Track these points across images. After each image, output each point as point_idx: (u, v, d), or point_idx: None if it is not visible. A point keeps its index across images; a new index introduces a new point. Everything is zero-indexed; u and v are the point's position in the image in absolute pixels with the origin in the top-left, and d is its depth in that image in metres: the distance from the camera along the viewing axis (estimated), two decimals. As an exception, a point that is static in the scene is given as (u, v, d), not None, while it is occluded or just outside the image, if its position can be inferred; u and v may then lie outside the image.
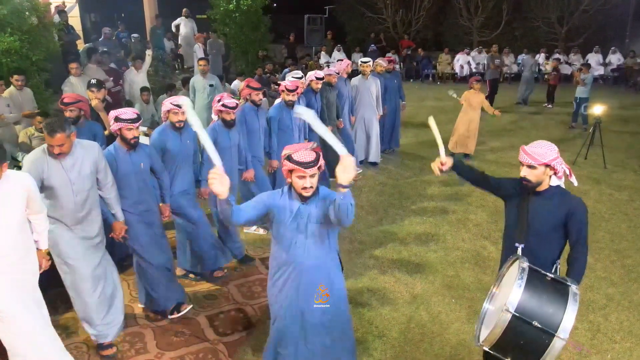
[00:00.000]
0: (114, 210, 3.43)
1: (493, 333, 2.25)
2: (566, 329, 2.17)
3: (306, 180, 2.41)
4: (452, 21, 19.42)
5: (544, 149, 2.48)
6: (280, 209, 2.54)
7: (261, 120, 4.90)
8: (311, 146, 2.44)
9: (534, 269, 2.36)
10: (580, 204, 2.52)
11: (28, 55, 6.40)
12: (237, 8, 11.83)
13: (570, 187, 2.85)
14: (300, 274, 2.60)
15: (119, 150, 3.50)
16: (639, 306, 4.04)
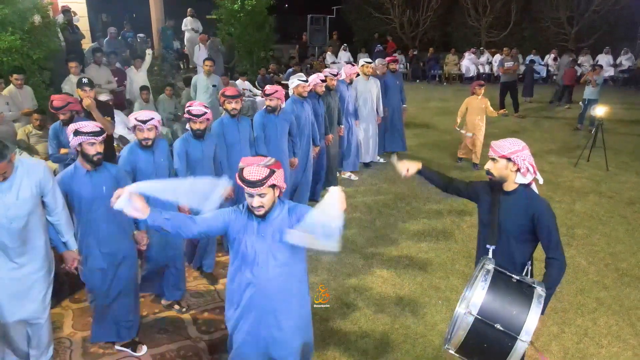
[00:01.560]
0: (64, 238, 3.00)
1: (457, 336, 2.23)
2: (529, 331, 2.15)
3: (254, 199, 2.25)
4: (460, 22, 19.31)
5: (507, 142, 2.46)
6: (239, 227, 2.37)
7: (243, 131, 4.50)
8: (267, 162, 2.26)
9: (500, 270, 2.33)
10: (545, 208, 2.45)
11: (29, 54, 6.49)
12: (242, 8, 11.89)
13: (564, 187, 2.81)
14: (262, 297, 2.40)
15: (78, 170, 3.05)
16: (629, 310, 3.97)
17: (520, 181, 2.48)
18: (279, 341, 2.50)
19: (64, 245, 3.01)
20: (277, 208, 2.37)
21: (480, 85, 7.37)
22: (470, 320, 2.19)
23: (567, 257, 4.65)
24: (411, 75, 17.22)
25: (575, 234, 5.31)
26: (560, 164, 7.81)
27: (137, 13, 15.15)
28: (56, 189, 2.91)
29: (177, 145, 3.90)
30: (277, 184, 2.28)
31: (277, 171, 2.25)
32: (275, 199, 2.34)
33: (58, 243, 3.00)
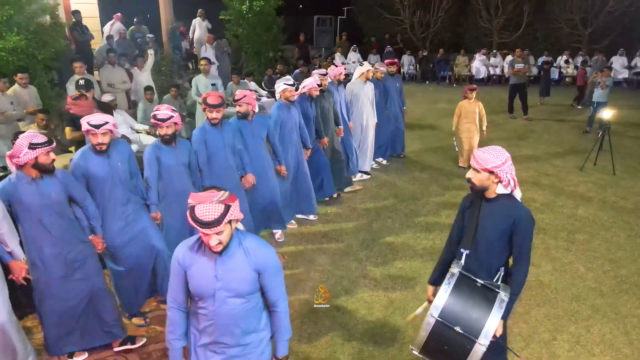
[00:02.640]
0: (9, 248, 2.93)
1: (419, 337, 2.26)
2: (488, 334, 2.15)
3: (211, 238, 2.03)
4: (472, 23, 19.14)
5: (490, 155, 2.40)
6: (193, 263, 2.17)
7: (226, 138, 4.34)
8: (220, 197, 2.01)
9: (465, 274, 2.33)
10: (526, 216, 2.41)
11: (34, 54, 6.60)
12: (250, 9, 11.96)
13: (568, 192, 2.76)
14: (216, 331, 2.22)
15: (21, 179, 2.95)
16: (625, 318, 3.89)
17: (501, 192, 2.45)
18: None
19: (9, 255, 2.95)
20: (233, 241, 2.16)
21: (472, 90, 7.29)
22: (431, 322, 2.22)
23: (566, 264, 4.66)
24: (420, 77, 17.11)
25: (575, 239, 5.21)
26: (565, 167, 7.68)
27: (148, 14, 15.29)
28: None
29: (148, 151, 3.77)
30: (234, 219, 2.08)
31: (232, 205, 2.04)
32: (232, 231, 2.13)
33: (3, 254, 2.94)
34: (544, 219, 5.70)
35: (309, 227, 5.48)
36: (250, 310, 2.23)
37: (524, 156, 8.32)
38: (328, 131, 5.92)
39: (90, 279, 3.23)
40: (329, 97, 6.00)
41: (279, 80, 5.23)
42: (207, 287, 2.15)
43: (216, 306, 2.16)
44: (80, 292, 3.19)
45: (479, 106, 7.29)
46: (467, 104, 7.28)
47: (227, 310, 2.17)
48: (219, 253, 2.10)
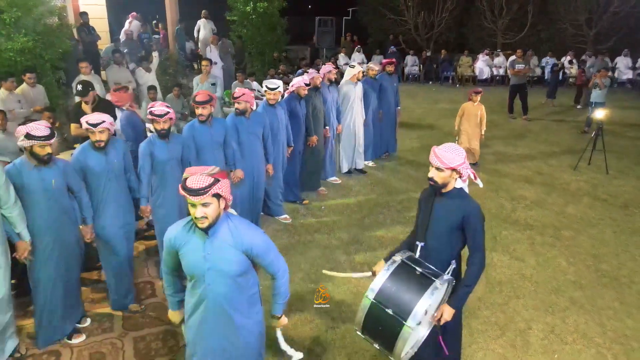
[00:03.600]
0: (18, 230, 3.19)
1: (358, 317, 2.44)
2: (416, 317, 2.28)
3: (196, 209, 2.13)
4: (476, 23, 19.19)
5: (452, 154, 2.54)
6: (184, 243, 2.29)
7: (215, 135, 4.50)
8: (211, 171, 2.18)
9: (406, 263, 2.48)
10: (476, 210, 2.55)
11: (42, 54, 6.85)
12: (254, 10, 12.18)
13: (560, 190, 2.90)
14: (209, 311, 2.35)
15: (24, 165, 3.21)
16: (601, 310, 4.02)
17: (458, 186, 2.61)
18: (231, 354, 2.47)
19: (18, 236, 3.21)
20: (222, 223, 2.25)
21: (477, 93, 7.41)
22: (367, 304, 2.39)
23: (549, 258, 4.79)
24: (424, 77, 17.23)
25: (561, 236, 5.34)
26: (560, 166, 7.79)
27: (154, 15, 15.56)
28: (9, 184, 3.09)
29: (142, 147, 3.95)
30: (221, 194, 2.18)
31: (222, 180, 2.16)
32: (220, 211, 2.23)
33: (12, 234, 3.19)
34: (533, 216, 5.84)
35: (302, 221, 5.66)
36: (239, 292, 2.35)
37: (519, 155, 8.44)
38: (319, 130, 6.11)
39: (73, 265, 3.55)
40: (319, 96, 6.15)
41: (265, 81, 5.39)
42: (197, 267, 2.27)
43: (206, 285, 2.29)
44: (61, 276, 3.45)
45: (481, 109, 7.41)
46: (471, 106, 7.41)
47: (216, 290, 2.29)
48: (205, 231, 2.20)
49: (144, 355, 3.46)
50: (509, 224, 5.64)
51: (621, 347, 3.58)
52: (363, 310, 2.41)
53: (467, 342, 3.60)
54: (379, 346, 2.50)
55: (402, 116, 11.30)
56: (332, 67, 6.62)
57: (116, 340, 3.62)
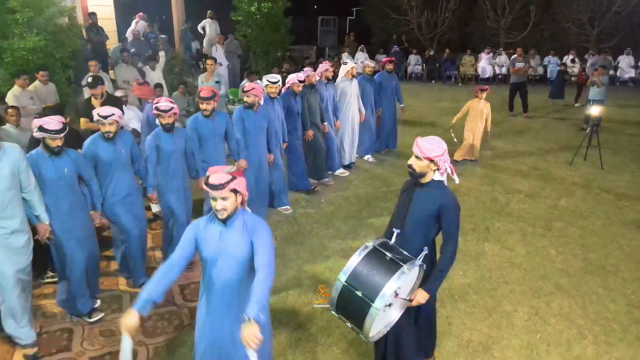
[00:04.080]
0: (37, 212, 3.45)
1: (332, 297, 2.65)
2: (383, 299, 2.48)
3: (217, 202, 2.45)
4: (479, 23, 19.33)
5: (432, 145, 2.68)
6: (204, 233, 2.57)
7: (217, 128, 4.79)
8: (230, 169, 2.47)
9: (377, 249, 2.66)
10: (452, 201, 2.72)
11: (53, 53, 7.13)
12: (258, 10, 12.43)
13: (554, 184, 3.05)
14: (218, 296, 2.59)
15: (40, 155, 3.51)
16: (585, 295, 4.20)
17: (437, 178, 2.77)
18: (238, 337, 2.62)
19: (37, 218, 3.47)
20: (238, 215, 2.54)
21: (482, 90, 7.54)
22: (339, 286, 2.61)
23: (539, 248, 4.98)
24: (427, 76, 17.39)
25: (552, 227, 5.52)
26: (556, 162, 7.95)
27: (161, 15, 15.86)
28: (29, 170, 3.35)
29: (148, 139, 4.25)
30: (238, 190, 2.47)
31: (238, 178, 2.46)
32: (237, 204, 2.52)
33: (32, 217, 3.46)
34: (526, 209, 6.02)
35: (302, 212, 5.88)
36: (247, 279, 2.54)
37: (518, 152, 8.61)
38: (314, 126, 6.34)
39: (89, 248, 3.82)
40: (315, 93, 6.38)
41: (265, 76, 5.65)
42: (212, 251, 2.53)
43: (217, 270, 2.53)
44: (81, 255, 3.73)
45: (487, 107, 7.55)
46: (477, 103, 7.55)
47: (226, 275, 2.53)
48: (223, 222, 2.50)
49: (151, 332, 3.70)
50: (503, 216, 5.82)
51: (601, 328, 3.77)
52: (336, 292, 2.62)
53: (455, 323, 3.81)
54: (351, 324, 2.68)
55: (404, 114, 11.55)
56: (328, 65, 6.83)
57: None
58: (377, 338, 2.77)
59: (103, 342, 3.60)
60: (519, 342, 3.60)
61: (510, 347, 3.54)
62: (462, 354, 3.48)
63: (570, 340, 3.63)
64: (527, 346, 3.56)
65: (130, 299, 4.10)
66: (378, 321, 2.60)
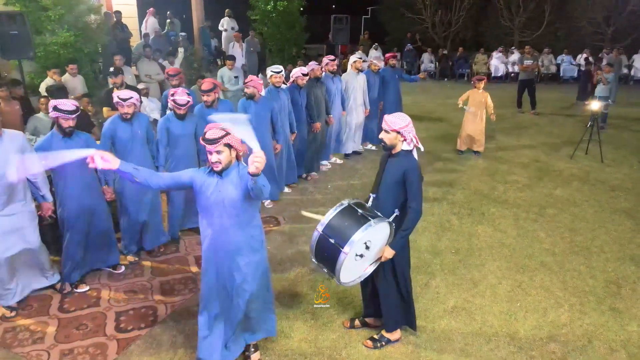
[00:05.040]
0: (42, 192, 3.85)
1: (310, 246, 3.10)
2: (351, 245, 2.90)
3: (212, 155, 2.71)
4: (493, 21, 19.48)
5: (396, 119, 3.11)
6: (202, 182, 2.84)
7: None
8: (223, 126, 2.71)
9: (351, 206, 3.09)
10: (413, 166, 3.11)
11: (82, 48, 7.69)
12: (274, 9, 12.89)
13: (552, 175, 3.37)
14: (217, 240, 2.90)
15: (55, 137, 3.86)
16: (567, 272, 4.52)
17: (405, 148, 3.18)
18: (238, 281, 3.00)
19: (42, 197, 3.89)
20: (233, 168, 2.82)
21: (479, 80, 7.88)
22: (317, 235, 3.05)
23: (529, 231, 5.33)
24: (439, 74, 17.64)
25: (544, 213, 5.83)
26: (557, 155, 8.21)
27: (181, 14, 16.45)
28: (33, 153, 3.70)
29: (160, 123, 4.71)
30: (232, 145, 2.73)
31: (231, 133, 2.71)
32: (232, 159, 2.80)
33: (37, 196, 3.87)
34: (522, 197, 6.33)
35: (309, 197, 6.30)
36: (242, 223, 2.87)
37: (521, 145, 8.88)
38: (321, 118, 6.71)
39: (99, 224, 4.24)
40: (321, 86, 6.73)
41: (268, 67, 6.04)
42: (209, 200, 2.82)
43: (215, 216, 2.84)
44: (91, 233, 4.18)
45: (486, 97, 7.78)
46: (476, 93, 7.84)
47: (222, 221, 2.84)
48: (219, 173, 2.79)
49: (169, 292, 4.16)
50: (499, 203, 6.15)
51: (578, 299, 4.09)
52: (314, 240, 3.07)
53: (443, 292, 4.18)
54: (327, 270, 3.13)
55: (413, 109, 11.87)
56: (329, 59, 7.11)
57: (146, 282, 4.33)
58: (350, 285, 3.21)
59: (127, 300, 4.07)
60: (500, 308, 3.96)
61: (491, 313, 3.90)
62: (446, 317, 3.85)
63: (547, 308, 3.97)
64: (506, 312, 3.91)
65: (150, 268, 4.58)
66: (349, 268, 3.04)
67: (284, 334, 3.63)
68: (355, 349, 3.49)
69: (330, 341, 3.56)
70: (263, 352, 3.43)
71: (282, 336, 3.61)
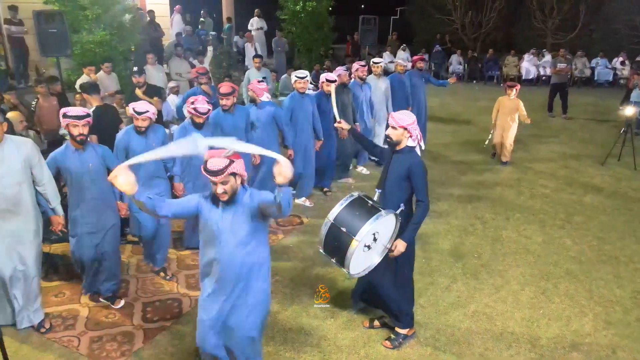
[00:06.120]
0: (52, 205, 3.56)
1: (320, 235, 3.15)
2: (362, 235, 2.96)
3: (217, 187, 2.53)
4: (525, 23, 19.10)
5: (403, 116, 3.22)
6: (207, 210, 2.67)
7: (237, 122, 5.04)
8: (227, 153, 2.51)
9: (362, 198, 3.16)
10: (418, 163, 3.18)
11: (116, 47, 7.94)
12: (303, 9, 13.00)
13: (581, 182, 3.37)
14: (225, 271, 2.69)
15: (68, 148, 3.62)
16: (593, 280, 4.43)
17: (409, 144, 3.26)
18: (238, 310, 2.78)
19: (52, 211, 3.60)
20: (240, 193, 2.65)
21: (511, 86, 7.58)
22: (328, 224, 3.11)
23: (556, 238, 5.25)
24: (468, 76, 17.41)
25: (572, 220, 5.71)
26: (588, 162, 8.02)
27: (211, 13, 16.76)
28: (42, 163, 3.45)
29: (176, 133, 4.59)
30: (237, 172, 2.55)
31: (236, 161, 2.52)
32: (237, 185, 2.62)
33: (47, 209, 3.58)
34: (549, 203, 6.22)
35: (329, 203, 6.33)
36: (249, 254, 2.69)
37: (550, 150, 8.71)
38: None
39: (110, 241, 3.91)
40: (348, 93, 6.47)
41: (294, 72, 5.94)
42: (214, 229, 2.65)
43: (221, 247, 2.66)
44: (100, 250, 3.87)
45: (517, 103, 7.49)
46: (507, 100, 7.55)
47: (229, 250, 2.65)
48: (226, 202, 2.62)
49: (194, 287, 4.27)
50: (525, 208, 6.06)
51: (603, 309, 4.01)
52: (325, 228, 3.13)
53: (464, 297, 4.16)
54: (335, 261, 3.17)
55: (441, 112, 11.78)
56: (359, 65, 6.89)
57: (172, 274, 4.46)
58: (356, 276, 3.26)
59: (154, 292, 4.21)
60: (521, 315, 3.92)
61: (512, 319, 3.87)
62: (467, 321, 3.83)
63: (570, 316, 3.91)
64: (528, 319, 3.87)
65: (177, 262, 4.72)
66: (358, 258, 3.09)
67: (303, 330, 3.70)
68: (374, 348, 3.52)
69: (350, 340, 3.60)
70: (283, 348, 3.50)
71: (302, 333, 3.67)
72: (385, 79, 7.45)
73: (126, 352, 3.46)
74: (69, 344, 3.52)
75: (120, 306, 3.98)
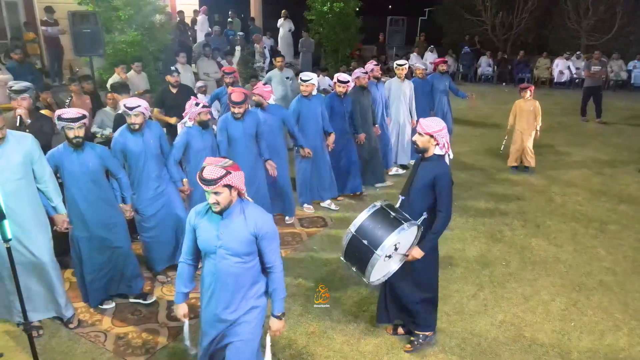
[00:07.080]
0: (54, 203, 3.43)
1: (342, 245, 3.13)
2: (384, 249, 2.92)
3: (210, 196, 2.42)
4: (558, 24, 18.59)
5: (431, 122, 3.14)
6: (202, 224, 2.58)
7: (247, 129, 4.83)
8: (224, 164, 2.42)
9: (384, 208, 3.09)
10: (444, 173, 3.10)
11: (147, 47, 8.08)
12: (330, 10, 12.98)
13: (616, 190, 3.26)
14: (220, 285, 2.60)
15: (66, 148, 3.53)
16: (629, 293, 4.25)
17: (437, 152, 3.17)
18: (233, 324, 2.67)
19: (54, 209, 3.48)
20: (235, 207, 2.51)
21: (523, 89, 7.31)
22: (349, 236, 3.07)
23: (588, 247, 5.09)
24: (497, 78, 17.07)
25: (606, 229, 5.51)
26: (623, 168, 7.74)
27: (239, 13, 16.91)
28: (43, 160, 3.38)
29: (179, 138, 4.42)
30: (233, 185, 2.41)
31: (233, 172, 2.39)
32: (232, 198, 2.47)
33: (49, 207, 3.47)
34: (581, 211, 6.02)
35: (351, 214, 6.28)
36: (246, 271, 2.59)
37: (583, 155, 8.45)
38: (367, 127, 6.23)
39: (119, 239, 3.82)
40: (367, 95, 6.29)
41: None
42: (210, 244, 2.54)
43: (217, 261, 2.55)
44: (107, 250, 3.79)
45: (534, 105, 7.26)
46: (523, 103, 7.31)
47: (226, 266, 2.54)
48: (219, 214, 2.49)
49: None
50: (556, 215, 5.87)
51: (639, 323, 3.84)
52: (346, 240, 3.10)
53: (491, 305, 4.06)
54: (355, 269, 3.15)
55: (469, 114, 11.57)
56: (373, 64, 6.68)
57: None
58: (376, 284, 3.24)
59: (178, 290, 4.24)
60: (552, 327, 3.79)
61: (542, 331, 3.74)
62: (494, 331, 3.73)
63: (604, 330, 3.76)
64: (559, 331, 3.74)
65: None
66: (378, 268, 3.07)
67: (326, 335, 3.67)
68: (397, 355, 3.46)
69: (373, 346, 3.55)
70: (306, 352, 3.47)
71: (325, 337, 3.64)
72: (409, 82, 7.24)
73: (150, 349, 3.50)
74: (96, 340, 3.59)
75: (152, 301, 4.03)
